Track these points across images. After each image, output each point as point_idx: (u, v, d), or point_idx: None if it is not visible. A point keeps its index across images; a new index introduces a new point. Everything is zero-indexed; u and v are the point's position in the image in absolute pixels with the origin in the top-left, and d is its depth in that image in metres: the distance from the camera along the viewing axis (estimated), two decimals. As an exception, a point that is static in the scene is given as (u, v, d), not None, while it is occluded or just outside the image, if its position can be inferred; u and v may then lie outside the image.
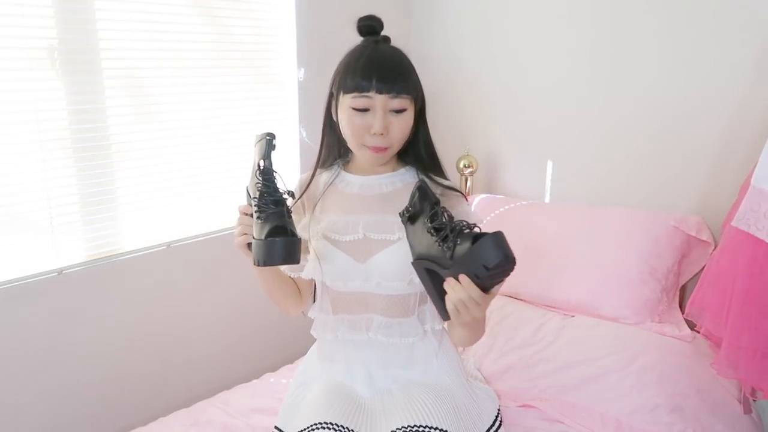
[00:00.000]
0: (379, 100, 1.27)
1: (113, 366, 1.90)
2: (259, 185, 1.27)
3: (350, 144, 1.36)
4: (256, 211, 1.25)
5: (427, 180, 1.38)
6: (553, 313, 1.98)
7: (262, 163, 1.30)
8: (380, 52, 1.31)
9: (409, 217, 1.26)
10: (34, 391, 1.74)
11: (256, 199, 1.26)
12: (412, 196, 1.27)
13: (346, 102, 1.30)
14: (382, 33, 1.38)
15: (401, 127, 1.31)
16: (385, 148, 1.32)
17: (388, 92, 1.27)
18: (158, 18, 1.89)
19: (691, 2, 1.99)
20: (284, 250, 1.20)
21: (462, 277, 1.11)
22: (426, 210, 1.23)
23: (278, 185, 1.28)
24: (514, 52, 2.40)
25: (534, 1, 2.32)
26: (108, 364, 1.89)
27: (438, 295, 1.19)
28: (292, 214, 1.28)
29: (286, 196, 1.27)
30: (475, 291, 1.10)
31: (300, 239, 1.25)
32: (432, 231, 1.19)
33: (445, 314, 1.19)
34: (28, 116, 1.67)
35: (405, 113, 1.30)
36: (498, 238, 1.07)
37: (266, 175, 1.28)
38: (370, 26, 1.36)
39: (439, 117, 1.43)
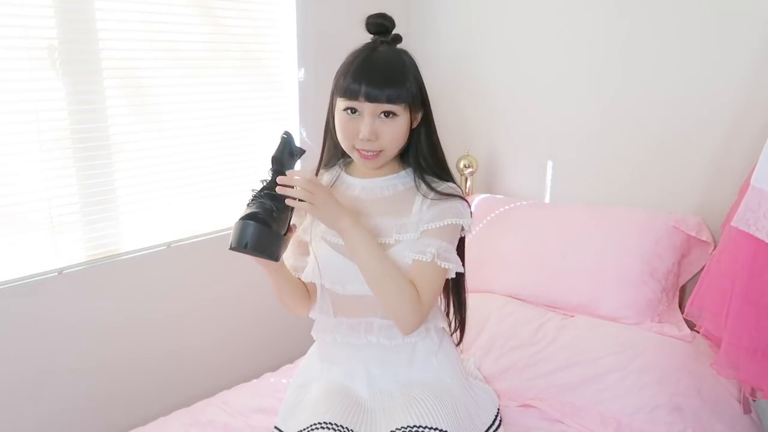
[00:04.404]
0: (367, 107, 1.26)
1: (113, 366, 1.90)
2: (265, 178, 1.27)
3: (343, 146, 1.35)
4: (250, 198, 1.25)
5: (422, 183, 1.37)
6: (553, 313, 1.98)
7: (272, 158, 1.29)
8: (376, 56, 1.28)
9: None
10: (34, 391, 1.74)
11: (254, 191, 1.26)
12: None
13: (340, 105, 1.30)
14: (394, 32, 1.34)
15: (391, 132, 1.28)
16: (376, 154, 1.31)
17: (375, 100, 1.25)
18: (158, 18, 1.89)
19: (690, 3, 1.99)
20: (254, 237, 1.18)
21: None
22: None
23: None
24: (514, 52, 2.40)
25: (534, 1, 2.32)
26: (108, 364, 1.89)
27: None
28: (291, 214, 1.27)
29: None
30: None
31: (279, 235, 1.23)
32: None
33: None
34: (28, 116, 1.67)
35: (395, 118, 1.28)
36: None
37: (274, 169, 1.27)
38: (379, 24, 1.32)
39: (438, 117, 1.42)
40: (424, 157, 1.38)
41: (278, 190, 1.21)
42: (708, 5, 1.96)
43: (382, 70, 1.26)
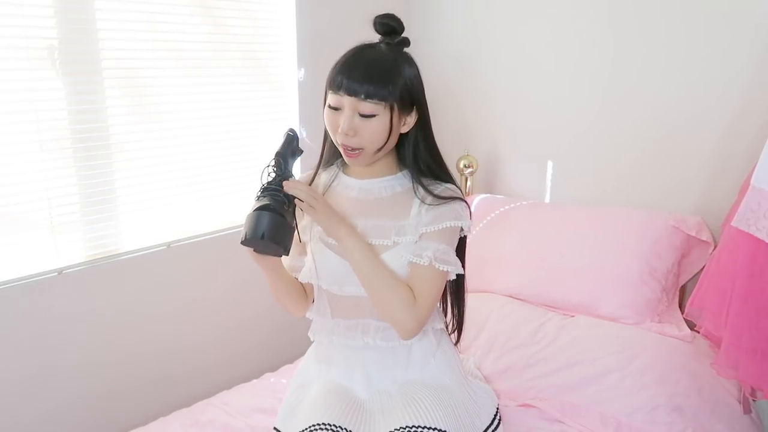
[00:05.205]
0: (347, 101, 1.26)
1: (113, 366, 1.90)
2: (270, 172, 1.27)
3: (333, 141, 1.35)
4: (258, 192, 1.25)
5: (420, 187, 1.36)
6: (553, 313, 1.98)
7: (276, 154, 1.29)
8: (367, 53, 1.28)
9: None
10: (34, 391, 1.74)
11: (262, 185, 1.26)
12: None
13: (328, 99, 1.31)
14: (403, 35, 1.34)
15: (370, 131, 1.28)
16: (357, 151, 1.30)
17: (355, 95, 1.25)
18: (158, 18, 1.89)
19: (689, 3, 1.99)
20: (270, 227, 1.17)
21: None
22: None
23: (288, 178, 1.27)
24: (514, 52, 2.40)
25: (534, 2, 2.32)
26: (108, 364, 1.89)
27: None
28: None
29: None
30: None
31: (292, 227, 1.23)
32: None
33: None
34: (28, 116, 1.67)
35: (374, 119, 1.27)
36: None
37: (277, 165, 1.27)
38: (385, 24, 1.33)
39: (439, 117, 1.42)
40: (422, 159, 1.37)
41: (286, 188, 1.23)
42: (709, 4, 1.96)
43: (365, 65, 1.26)
